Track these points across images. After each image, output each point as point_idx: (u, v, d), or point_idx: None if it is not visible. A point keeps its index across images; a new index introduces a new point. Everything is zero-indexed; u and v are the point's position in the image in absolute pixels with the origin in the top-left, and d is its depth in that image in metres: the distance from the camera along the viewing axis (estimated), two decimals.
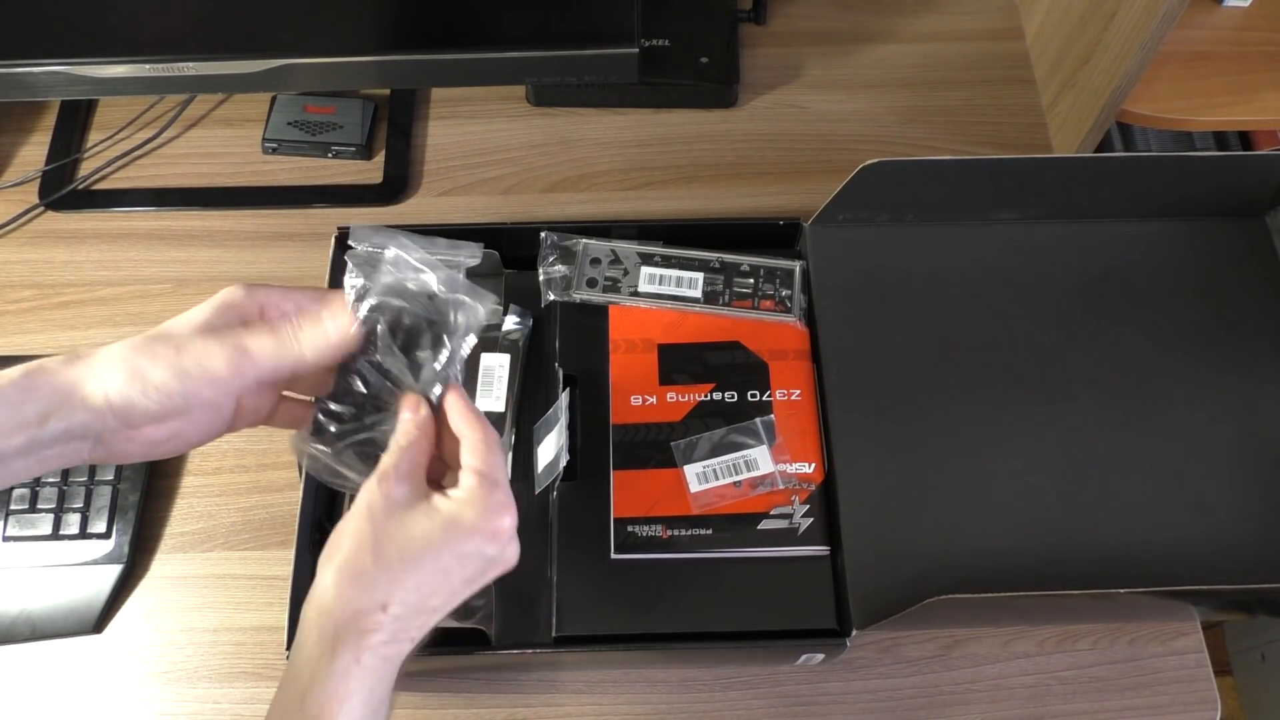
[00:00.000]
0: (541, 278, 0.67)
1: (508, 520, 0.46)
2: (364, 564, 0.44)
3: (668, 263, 0.68)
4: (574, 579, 0.60)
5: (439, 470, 0.49)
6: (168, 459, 0.69)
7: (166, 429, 0.46)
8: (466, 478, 0.46)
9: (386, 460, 0.46)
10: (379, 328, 0.47)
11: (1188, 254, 0.69)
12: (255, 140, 0.82)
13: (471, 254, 0.50)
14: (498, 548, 0.46)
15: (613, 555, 0.60)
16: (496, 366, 0.65)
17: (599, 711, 0.63)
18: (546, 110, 0.85)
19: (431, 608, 0.45)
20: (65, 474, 0.66)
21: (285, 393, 0.50)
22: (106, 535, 0.66)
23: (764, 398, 0.64)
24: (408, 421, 0.47)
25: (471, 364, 0.65)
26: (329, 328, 0.47)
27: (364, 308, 0.47)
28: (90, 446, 0.45)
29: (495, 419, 0.58)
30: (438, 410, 0.48)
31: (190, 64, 0.69)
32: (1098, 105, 0.76)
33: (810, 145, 0.84)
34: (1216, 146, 1.02)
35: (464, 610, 0.57)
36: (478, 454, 0.47)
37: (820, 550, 0.60)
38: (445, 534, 0.45)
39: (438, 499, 0.45)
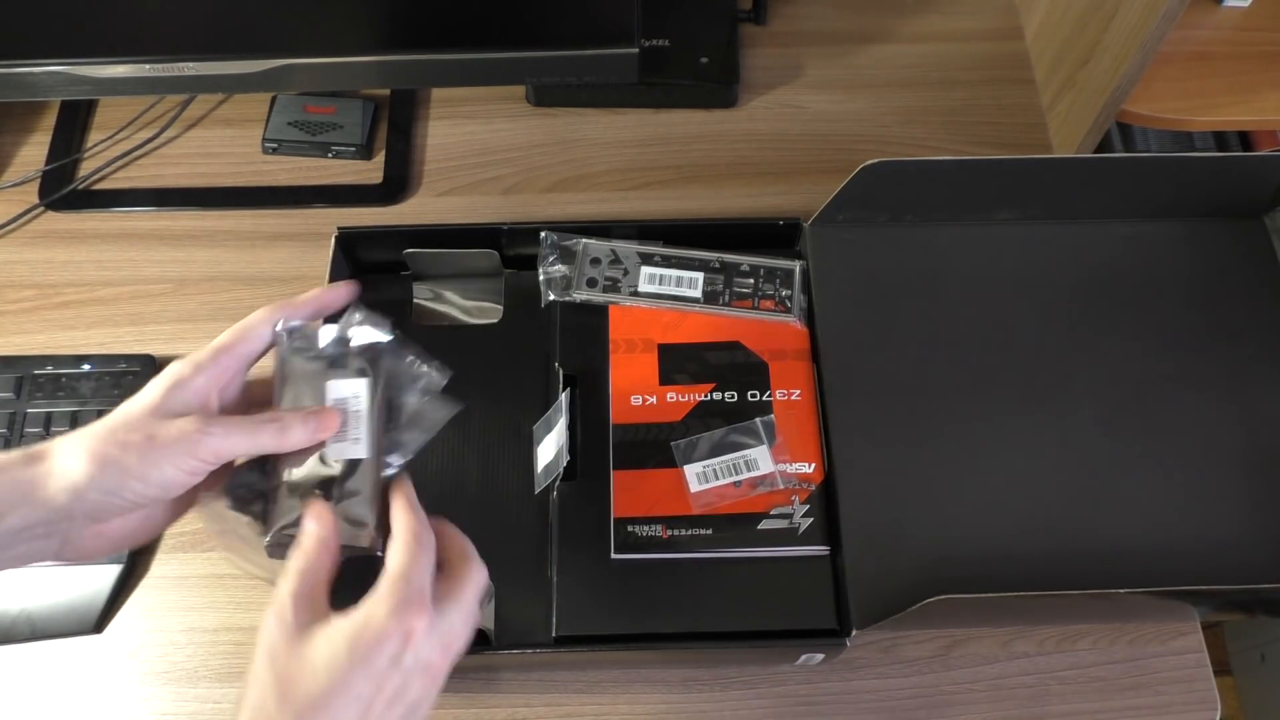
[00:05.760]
0: (541, 278, 0.67)
1: (420, 620, 0.41)
2: (269, 716, 0.39)
3: (668, 263, 0.68)
4: (574, 579, 0.60)
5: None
6: None
7: (136, 519, 0.45)
8: (379, 582, 0.42)
9: (282, 587, 0.42)
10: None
11: (1188, 254, 0.69)
12: (255, 140, 0.83)
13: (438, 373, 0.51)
14: (412, 652, 0.41)
15: (613, 555, 0.60)
16: (351, 397, 0.48)
17: (599, 711, 0.63)
18: (546, 110, 0.85)
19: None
20: None
21: None
22: None
23: (764, 398, 0.64)
24: (308, 537, 0.44)
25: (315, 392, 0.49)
26: (310, 430, 0.46)
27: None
28: (57, 545, 0.44)
29: (355, 467, 0.46)
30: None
31: (190, 64, 0.69)
32: (1098, 105, 0.76)
33: (810, 145, 0.84)
34: (1216, 146, 1.02)
35: None
36: (394, 553, 0.43)
37: (820, 550, 0.60)
38: (350, 655, 0.40)
39: (338, 619, 0.41)
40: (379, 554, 0.45)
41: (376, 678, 0.40)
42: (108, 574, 0.65)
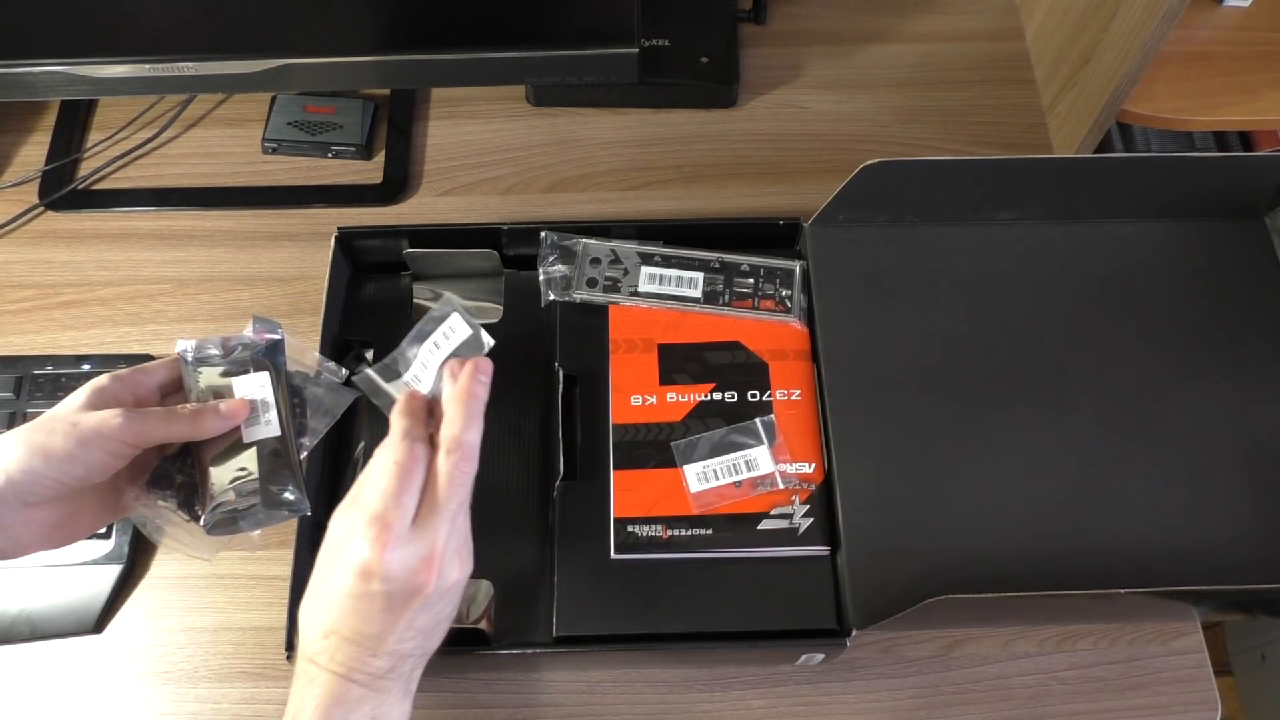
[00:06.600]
0: (541, 278, 0.67)
1: (355, 542, 0.47)
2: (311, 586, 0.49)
3: (668, 263, 0.68)
4: (574, 579, 0.60)
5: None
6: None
7: (65, 509, 0.50)
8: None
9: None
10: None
11: (1188, 254, 0.69)
12: (255, 140, 0.83)
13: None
14: (349, 562, 0.47)
15: (613, 555, 0.60)
16: (256, 388, 0.55)
17: (599, 712, 0.63)
18: (546, 110, 0.85)
19: (321, 623, 0.47)
20: None
21: None
22: (106, 535, 0.65)
23: (764, 398, 0.64)
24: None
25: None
26: (222, 416, 0.52)
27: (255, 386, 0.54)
28: None
29: (272, 443, 0.53)
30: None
31: (190, 64, 0.69)
32: (1098, 105, 0.76)
33: (810, 145, 0.84)
34: (1216, 146, 1.02)
35: (464, 611, 0.57)
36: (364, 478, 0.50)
37: (820, 550, 0.60)
38: (326, 549, 0.48)
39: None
40: (308, 514, 0.54)
41: (330, 570, 0.47)
42: (108, 574, 0.65)
